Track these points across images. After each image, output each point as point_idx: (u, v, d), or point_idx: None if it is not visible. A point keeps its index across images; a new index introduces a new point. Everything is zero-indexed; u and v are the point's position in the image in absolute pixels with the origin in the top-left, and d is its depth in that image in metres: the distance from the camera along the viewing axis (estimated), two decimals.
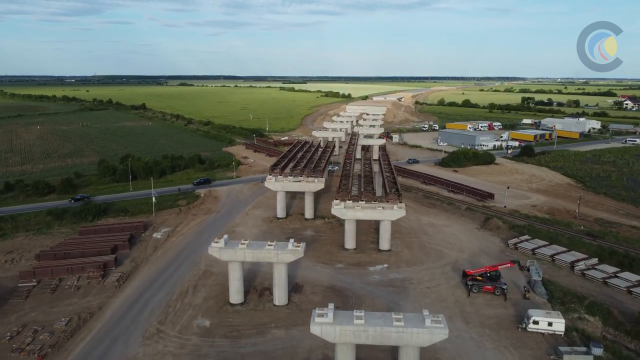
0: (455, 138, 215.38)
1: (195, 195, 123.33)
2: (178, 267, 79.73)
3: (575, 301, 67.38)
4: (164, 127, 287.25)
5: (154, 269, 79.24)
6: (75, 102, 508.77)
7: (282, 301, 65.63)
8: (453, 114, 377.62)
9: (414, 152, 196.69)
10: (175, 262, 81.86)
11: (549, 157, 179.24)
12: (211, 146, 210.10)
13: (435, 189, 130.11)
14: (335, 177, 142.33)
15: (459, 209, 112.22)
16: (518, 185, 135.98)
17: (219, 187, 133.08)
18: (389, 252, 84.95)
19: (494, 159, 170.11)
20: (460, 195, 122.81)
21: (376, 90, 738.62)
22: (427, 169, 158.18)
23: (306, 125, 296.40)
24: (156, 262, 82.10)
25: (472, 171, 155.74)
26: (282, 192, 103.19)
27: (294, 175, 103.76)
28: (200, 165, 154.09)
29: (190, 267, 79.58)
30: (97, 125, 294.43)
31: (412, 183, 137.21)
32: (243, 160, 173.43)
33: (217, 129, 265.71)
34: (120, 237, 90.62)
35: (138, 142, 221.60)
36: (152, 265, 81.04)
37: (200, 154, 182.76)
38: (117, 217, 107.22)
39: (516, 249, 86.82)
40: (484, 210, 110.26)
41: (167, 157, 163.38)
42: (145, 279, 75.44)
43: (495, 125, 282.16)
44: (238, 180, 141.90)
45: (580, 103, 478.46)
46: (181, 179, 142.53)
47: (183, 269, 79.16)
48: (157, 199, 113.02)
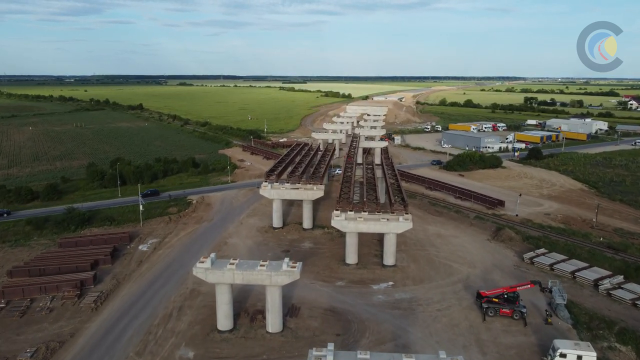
0: (460, 140, 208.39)
1: (187, 202, 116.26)
2: (163, 285, 72.67)
3: (603, 327, 60.32)
4: (160, 128, 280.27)
5: (137, 288, 72.13)
6: (71, 102, 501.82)
7: (276, 328, 58.59)
8: (455, 115, 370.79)
9: (417, 154, 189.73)
10: (161, 279, 74.79)
11: (558, 160, 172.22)
12: (207, 148, 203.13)
13: (441, 195, 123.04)
14: (335, 182, 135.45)
15: (467, 217, 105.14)
16: (528, 191, 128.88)
17: (212, 193, 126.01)
18: (394, 268, 77.88)
19: (501, 162, 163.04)
20: (468, 202, 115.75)
21: (376, 90, 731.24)
22: (431, 173, 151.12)
23: (306, 126, 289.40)
24: (140, 279, 74.98)
25: (479, 175, 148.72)
26: (278, 200, 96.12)
27: (291, 182, 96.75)
28: (193, 169, 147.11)
29: (176, 286, 72.47)
30: (92, 125, 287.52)
31: (416, 189, 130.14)
32: (239, 163, 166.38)
33: (214, 130, 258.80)
34: (102, 250, 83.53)
35: (132, 144, 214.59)
36: (134, 282, 73.92)
37: (195, 156, 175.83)
38: (102, 226, 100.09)
39: (532, 264, 79.76)
40: (494, 219, 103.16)
41: (160, 160, 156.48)
42: (126, 299, 68.37)
43: (499, 126, 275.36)
44: (233, 185, 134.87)
45: (583, 103, 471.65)
46: (173, 184, 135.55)
47: (168, 287, 72.06)
48: (145, 206, 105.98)
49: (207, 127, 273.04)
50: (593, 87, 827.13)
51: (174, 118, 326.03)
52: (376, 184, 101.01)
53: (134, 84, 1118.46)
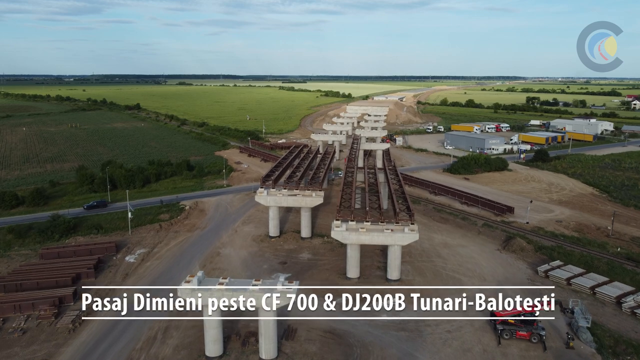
0: (463, 141, 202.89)
1: (179, 207, 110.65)
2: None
3: (631, 352, 54.84)
4: (156, 129, 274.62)
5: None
6: (68, 101, 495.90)
7: (270, 354, 53.09)
8: (457, 115, 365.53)
9: (419, 156, 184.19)
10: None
11: (565, 162, 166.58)
12: (203, 149, 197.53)
13: (446, 200, 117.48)
14: (335, 186, 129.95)
15: (475, 225, 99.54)
16: (537, 195, 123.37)
17: (207, 197, 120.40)
18: (399, 282, 72.32)
19: (507, 165, 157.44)
20: (475, 208, 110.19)
21: (377, 90, 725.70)
22: (435, 176, 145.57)
23: (305, 127, 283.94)
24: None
25: (485, 179, 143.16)
26: (275, 207, 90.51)
27: (289, 188, 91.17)
28: (188, 173, 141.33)
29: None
30: (87, 126, 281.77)
31: (419, 193, 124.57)
32: (236, 166, 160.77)
33: (211, 131, 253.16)
34: (85, 262, 77.94)
35: (127, 145, 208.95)
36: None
37: (190, 158, 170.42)
38: (88, 235, 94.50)
39: (547, 278, 74.22)
40: (503, 227, 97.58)
41: (154, 163, 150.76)
42: (108, 319, 62.73)
43: (502, 127, 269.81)
44: (228, 189, 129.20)
45: (586, 103, 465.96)
46: (166, 188, 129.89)
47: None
48: (134, 213, 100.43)
49: (204, 127, 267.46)
50: (594, 87, 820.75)
51: (171, 118, 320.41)
52: (379, 189, 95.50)
53: (133, 83, 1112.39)
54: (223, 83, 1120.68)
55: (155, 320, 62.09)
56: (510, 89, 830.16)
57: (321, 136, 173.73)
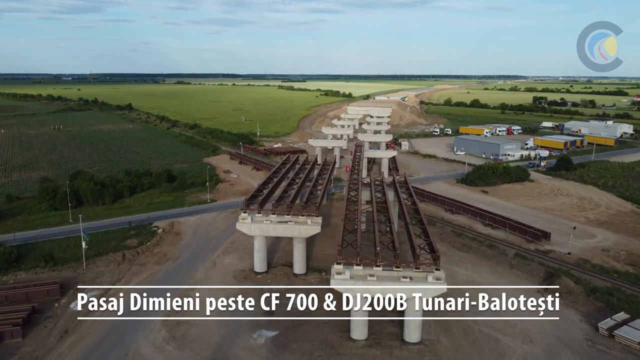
0: (475, 146, 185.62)
1: (151, 231, 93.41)
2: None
3: None
4: (144, 131, 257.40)
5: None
6: (60, 101, 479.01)
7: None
8: (463, 116, 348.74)
9: (428, 163, 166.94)
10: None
11: (592, 171, 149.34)
12: (191, 155, 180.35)
13: (466, 221, 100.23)
14: (336, 202, 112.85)
15: (504, 255, 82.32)
16: (570, 213, 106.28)
17: (185, 217, 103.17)
18: (420, 347, 55.18)
19: (529, 175, 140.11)
20: (501, 231, 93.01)
21: (377, 89, 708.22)
22: (449, 188, 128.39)
23: (303, 129, 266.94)
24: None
25: (505, 192, 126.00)
26: (261, 237, 73.35)
27: (279, 212, 73.97)
28: (168, 185, 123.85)
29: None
30: (71, 128, 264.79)
31: (434, 210, 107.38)
32: (224, 175, 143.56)
33: (202, 133, 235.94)
34: (14, 314, 60.76)
35: (107, 151, 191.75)
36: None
37: (175, 166, 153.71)
38: (34, 268, 77.31)
39: (612, 338, 57.06)
40: (540, 258, 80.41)
41: (130, 173, 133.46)
42: None
43: (514, 129, 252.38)
44: (212, 206, 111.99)
45: (596, 103, 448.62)
46: (140, 205, 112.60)
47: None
48: (96, 237, 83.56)
49: (195, 130, 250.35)
50: (598, 87, 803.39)
51: (162, 119, 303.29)
52: (389, 212, 78.46)
53: (132, 82, 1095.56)
54: (222, 82, 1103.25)
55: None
56: (514, 88, 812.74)
57: (320, 142, 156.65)
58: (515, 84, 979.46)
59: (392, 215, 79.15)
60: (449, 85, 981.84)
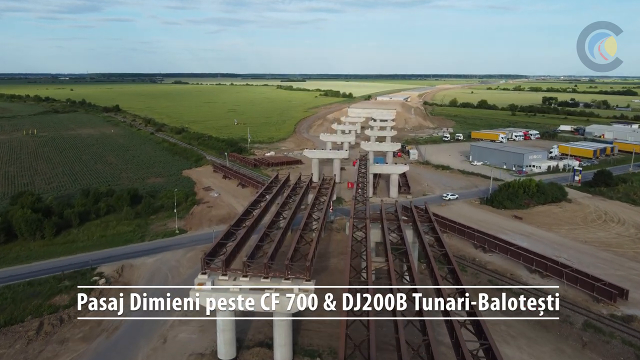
0: (494, 155, 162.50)
1: (90, 281, 70.54)
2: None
3: None
4: (126, 136, 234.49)
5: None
6: (46, 102, 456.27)
7: None
8: (471, 118, 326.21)
9: (442, 176, 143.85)
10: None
11: (638, 187, 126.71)
12: (170, 167, 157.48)
13: (503, 263, 77.38)
14: (335, 234, 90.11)
15: (569, 324, 59.42)
16: (633, 251, 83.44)
17: (142, 257, 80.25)
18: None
19: (566, 194, 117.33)
20: (554, 281, 70.23)
21: (378, 89, 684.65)
22: (473, 212, 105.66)
23: (300, 133, 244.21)
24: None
25: (542, 217, 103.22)
26: (228, 312, 50.41)
27: (253, 274, 51.05)
28: (130, 210, 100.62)
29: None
30: (46, 132, 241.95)
31: (460, 246, 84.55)
32: (203, 193, 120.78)
33: (188, 139, 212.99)
34: None
35: (77, 161, 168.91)
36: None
37: (148, 181, 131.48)
38: None
39: None
40: (621, 331, 57.61)
41: (88, 193, 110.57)
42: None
43: (531, 134, 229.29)
44: (181, 239, 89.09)
45: (609, 104, 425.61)
46: (90, 238, 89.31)
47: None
48: (12, 290, 60.82)
49: (182, 135, 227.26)
50: (604, 86, 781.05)
51: (147, 123, 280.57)
52: (410, 259, 56.21)
53: (129, 82, 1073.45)
54: (220, 82, 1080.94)
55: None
56: (518, 87, 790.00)
57: (317, 153, 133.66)
58: (518, 84, 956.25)
59: (414, 265, 56.88)
60: (451, 84, 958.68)
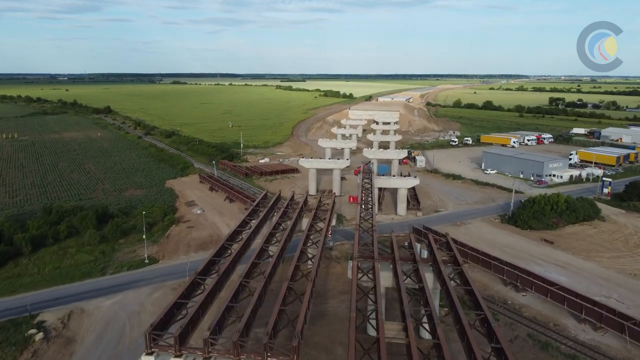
0: (509, 163, 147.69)
1: (24, 336, 55.77)
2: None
3: None
4: (112, 140, 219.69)
5: None
6: (37, 103, 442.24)
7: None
8: (477, 119, 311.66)
9: (454, 187, 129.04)
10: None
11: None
12: (153, 176, 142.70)
13: (542, 308, 62.51)
14: (335, 264, 75.54)
15: None
16: None
17: (99, 297, 65.47)
18: None
19: (599, 211, 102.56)
20: (611, 332, 55.51)
21: (379, 89, 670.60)
22: (495, 234, 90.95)
23: (298, 137, 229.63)
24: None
25: (576, 240, 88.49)
26: None
27: (217, 356, 36.27)
28: (94, 233, 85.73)
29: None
30: (28, 136, 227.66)
31: (486, 282, 69.85)
32: (185, 209, 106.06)
33: (178, 144, 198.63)
34: None
35: (52, 169, 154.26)
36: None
37: (125, 193, 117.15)
38: None
39: None
40: None
41: (50, 211, 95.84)
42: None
43: (544, 138, 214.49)
44: (150, 271, 74.26)
45: (619, 105, 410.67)
46: (41, 270, 74.62)
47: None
48: None
49: (171, 139, 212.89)
50: (607, 86, 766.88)
51: (137, 125, 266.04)
52: (431, 307, 41.87)
53: (128, 82, 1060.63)
54: (218, 82, 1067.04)
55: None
56: (520, 88, 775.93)
57: (315, 163, 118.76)
58: (520, 84, 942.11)
59: (435, 315, 42.38)
60: (453, 84, 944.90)
